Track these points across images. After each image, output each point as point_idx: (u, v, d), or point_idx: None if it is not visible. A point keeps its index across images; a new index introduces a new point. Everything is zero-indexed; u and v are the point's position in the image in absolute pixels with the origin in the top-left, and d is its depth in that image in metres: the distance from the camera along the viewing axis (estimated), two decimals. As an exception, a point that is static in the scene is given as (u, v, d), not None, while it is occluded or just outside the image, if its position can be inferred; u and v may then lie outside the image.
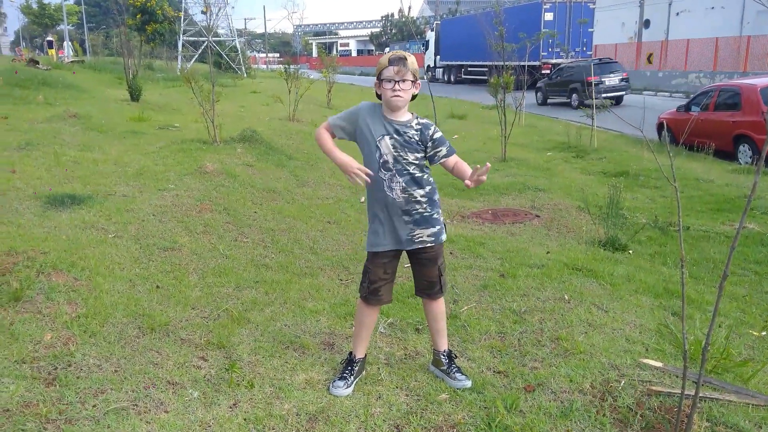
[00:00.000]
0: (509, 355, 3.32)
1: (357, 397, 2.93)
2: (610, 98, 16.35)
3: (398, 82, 2.76)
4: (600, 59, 22.37)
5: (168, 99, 16.18)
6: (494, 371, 3.16)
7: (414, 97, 2.88)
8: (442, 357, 3.12)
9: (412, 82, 2.80)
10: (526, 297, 4.10)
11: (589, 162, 10.28)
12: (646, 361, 3.17)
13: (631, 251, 5.39)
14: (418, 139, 2.85)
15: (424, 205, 2.90)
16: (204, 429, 2.64)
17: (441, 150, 2.91)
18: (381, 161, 2.82)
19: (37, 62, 20.96)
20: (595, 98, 11.23)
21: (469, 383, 3.02)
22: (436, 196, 2.99)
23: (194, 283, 4.30)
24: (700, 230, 6.10)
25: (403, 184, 2.84)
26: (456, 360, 3.15)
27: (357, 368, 3.06)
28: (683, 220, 2.22)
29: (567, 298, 4.05)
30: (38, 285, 3.63)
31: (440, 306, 3.11)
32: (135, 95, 14.29)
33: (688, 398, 2.52)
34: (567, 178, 8.67)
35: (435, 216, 2.96)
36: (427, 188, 2.92)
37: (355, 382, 3.02)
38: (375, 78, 2.89)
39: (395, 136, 2.82)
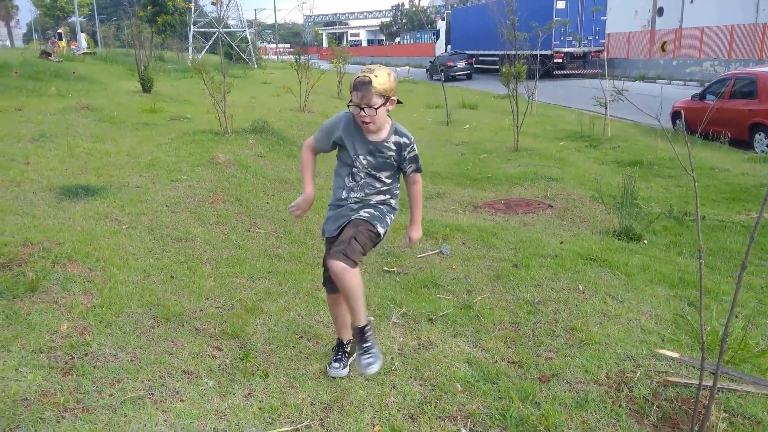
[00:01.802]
0: (523, 346, 3.30)
1: (371, 386, 2.94)
2: (462, 76, 30.88)
3: (363, 108, 2.67)
4: (455, 51, 34.29)
5: (179, 90, 16.22)
6: (508, 362, 3.15)
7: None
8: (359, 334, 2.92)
9: (384, 102, 2.68)
10: (540, 287, 4.07)
11: (602, 151, 10.19)
12: (662, 351, 3.15)
13: (645, 241, 5.35)
14: (394, 158, 2.83)
15: (376, 205, 2.86)
16: (219, 418, 2.65)
17: (411, 167, 2.91)
18: (352, 171, 2.82)
19: (49, 54, 21.06)
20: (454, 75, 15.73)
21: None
22: (394, 202, 2.95)
23: (208, 273, 4.32)
24: (716, 220, 6.04)
25: (364, 195, 2.84)
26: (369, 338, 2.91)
27: (348, 349, 3.11)
28: (699, 210, 2.20)
29: (581, 288, 4.02)
30: (54, 276, 3.66)
31: (348, 279, 2.66)
32: (147, 87, 14.33)
33: (706, 389, 2.50)
34: (580, 167, 8.61)
35: (377, 212, 2.84)
36: (386, 197, 2.90)
37: (350, 362, 3.08)
38: None
39: (369, 157, 2.80)
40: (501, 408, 2.71)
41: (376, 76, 2.66)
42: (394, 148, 2.81)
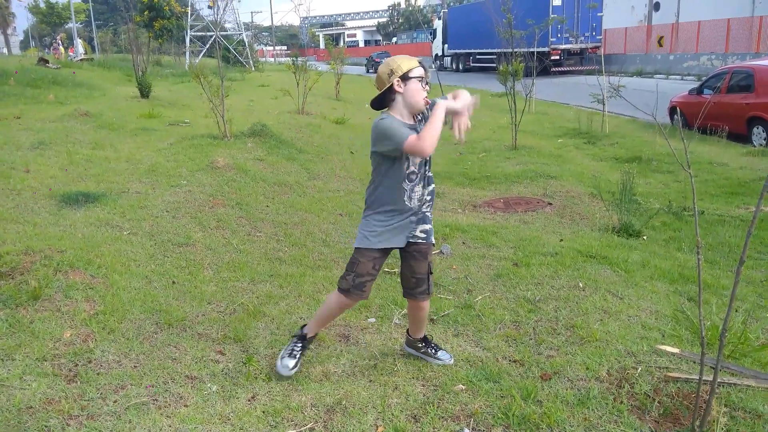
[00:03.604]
0: (525, 344, 3.32)
1: (373, 388, 2.95)
2: None
3: (427, 83, 2.79)
4: (381, 52, 45.69)
5: (177, 95, 16.22)
6: (510, 360, 3.17)
7: None
8: (418, 342, 3.19)
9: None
10: (540, 285, 4.09)
11: (600, 148, 10.21)
12: (662, 347, 3.16)
13: (645, 237, 5.36)
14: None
15: (428, 204, 2.93)
16: (223, 422, 2.67)
17: None
18: (408, 172, 2.80)
19: (47, 61, 21.07)
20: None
21: (451, 360, 3.15)
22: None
23: (209, 278, 4.34)
24: (715, 214, 6.05)
25: (422, 190, 2.85)
26: (432, 340, 3.24)
27: (307, 347, 3.13)
28: (697, 205, 2.22)
29: (581, 285, 4.04)
30: (56, 283, 3.67)
31: (426, 309, 3.10)
32: (145, 92, 14.32)
33: (706, 384, 2.51)
34: (579, 164, 8.62)
35: (431, 214, 2.99)
36: (432, 185, 2.94)
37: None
38: (393, 78, 2.73)
39: None
40: (503, 407, 2.73)
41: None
42: (423, 123, 2.83)
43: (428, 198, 2.91)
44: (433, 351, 3.19)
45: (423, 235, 2.92)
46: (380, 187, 2.85)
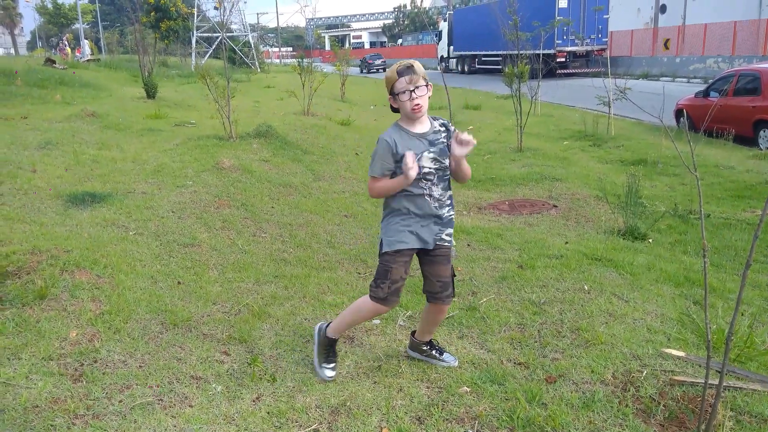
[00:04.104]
0: (529, 347, 3.32)
1: (378, 389, 2.95)
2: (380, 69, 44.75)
3: (413, 90, 2.73)
4: (374, 54, 49.77)
5: (183, 96, 16.28)
6: (515, 363, 3.16)
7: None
8: (423, 345, 3.21)
9: (426, 86, 2.76)
10: (545, 288, 4.08)
11: (606, 150, 10.18)
12: (668, 350, 3.15)
13: (650, 240, 5.35)
14: (446, 140, 2.85)
15: (449, 206, 2.92)
16: (228, 423, 2.67)
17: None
18: (422, 174, 2.79)
19: (53, 62, 21.17)
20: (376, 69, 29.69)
21: (456, 362, 3.15)
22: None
23: (214, 278, 4.35)
24: (721, 218, 6.03)
25: (441, 191, 2.85)
26: (437, 343, 3.26)
27: (334, 347, 3.16)
28: (704, 208, 2.20)
29: (587, 288, 4.03)
30: (62, 283, 3.69)
31: (446, 313, 3.14)
32: (151, 93, 14.38)
33: (712, 387, 2.50)
34: (584, 167, 8.60)
35: (454, 216, 2.99)
36: (451, 189, 2.94)
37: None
38: (387, 93, 2.83)
39: (431, 149, 2.80)
40: (508, 409, 2.72)
41: (415, 63, 2.78)
42: (442, 130, 2.86)
43: (448, 201, 2.90)
44: (438, 353, 3.19)
45: (448, 239, 2.93)
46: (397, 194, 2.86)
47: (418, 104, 2.74)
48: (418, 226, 2.85)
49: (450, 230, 2.95)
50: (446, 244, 2.93)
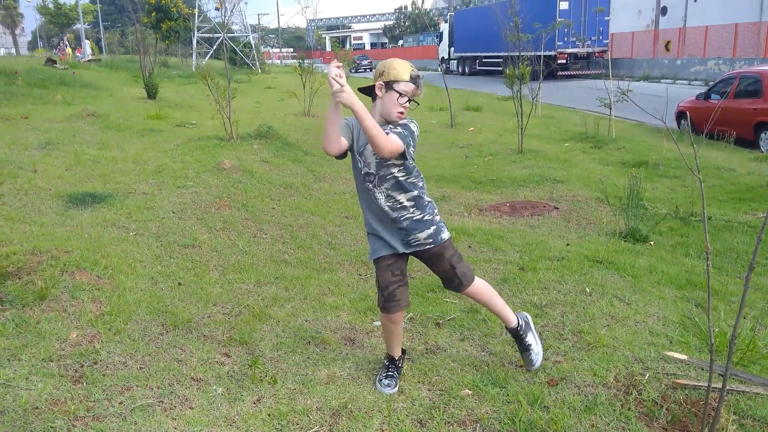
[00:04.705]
0: (531, 349, 3.30)
1: (379, 392, 2.94)
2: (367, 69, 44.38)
3: (410, 100, 2.72)
4: (361, 55, 50.05)
5: (184, 96, 16.28)
6: (517, 365, 3.15)
7: None
8: (510, 328, 3.06)
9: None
10: (547, 290, 4.07)
11: (607, 152, 10.18)
12: (670, 353, 3.14)
13: (652, 242, 5.34)
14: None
15: (411, 210, 2.78)
16: (228, 425, 2.66)
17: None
18: (364, 172, 2.76)
19: (54, 62, 21.19)
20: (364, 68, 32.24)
21: (538, 364, 3.04)
22: (426, 198, 2.85)
23: (215, 279, 4.34)
24: (723, 220, 6.02)
25: (387, 192, 2.75)
26: (526, 339, 3.05)
27: (400, 365, 3.07)
28: (705, 210, 2.19)
29: (588, 290, 4.02)
30: (62, 284, 3.68)
31: (476, 294, 2.97)
32: (152, 93, 14.39)
33: (715, 391, 2.49)
34: (585, 169, 8.60)
35: (427, 218, 2.81)
36: (413, 192, 2.78)
37: (398, 379, 3.02)
38: (380, 80, 2.72)
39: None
40: (510, 412, 2.71)
41: (421, 75, 2.79)
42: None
43: (408, 204, 2.77)
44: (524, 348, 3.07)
45: (429, 241, 2.81)
46: (356, 186, 2.87)
47: (404, 113, 2.73)
48: (380, 230, 2.81)
49: (427, 231, 2.79)
50: (428, 246, 2.83)
